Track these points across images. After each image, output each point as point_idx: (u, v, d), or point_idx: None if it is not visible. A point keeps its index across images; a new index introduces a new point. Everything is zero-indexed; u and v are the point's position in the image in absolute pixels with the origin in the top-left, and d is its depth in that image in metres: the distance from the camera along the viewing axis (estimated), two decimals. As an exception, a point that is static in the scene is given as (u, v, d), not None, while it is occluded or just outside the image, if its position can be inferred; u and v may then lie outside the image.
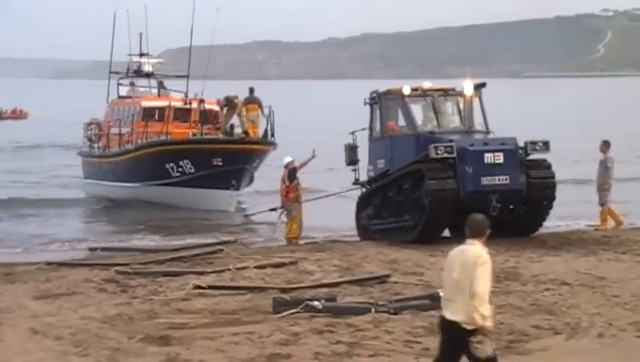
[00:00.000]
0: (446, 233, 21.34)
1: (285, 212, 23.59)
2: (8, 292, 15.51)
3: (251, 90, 31.70)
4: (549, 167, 20.89)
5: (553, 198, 20.89)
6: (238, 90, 33.91)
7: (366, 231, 22.42)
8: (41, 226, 28.47)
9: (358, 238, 22.65)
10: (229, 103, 31.48)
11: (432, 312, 13.30)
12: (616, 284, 15.73)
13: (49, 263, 18.37)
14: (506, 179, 20.00)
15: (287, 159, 23.62)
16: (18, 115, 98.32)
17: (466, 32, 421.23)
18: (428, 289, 15.00)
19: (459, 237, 20.73)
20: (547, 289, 15.32)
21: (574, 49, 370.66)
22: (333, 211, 27.73)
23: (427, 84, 22.26)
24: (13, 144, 61.68)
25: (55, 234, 26.34)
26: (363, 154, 23.27)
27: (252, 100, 31.48)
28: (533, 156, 20.94)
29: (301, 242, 22.75)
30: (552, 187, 20.72)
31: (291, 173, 23.37)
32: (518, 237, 20.46)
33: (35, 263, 18.56)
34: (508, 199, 20.16)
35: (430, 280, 16.19)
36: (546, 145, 20.81)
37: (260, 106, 31.30)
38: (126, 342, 11.94)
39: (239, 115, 31.25)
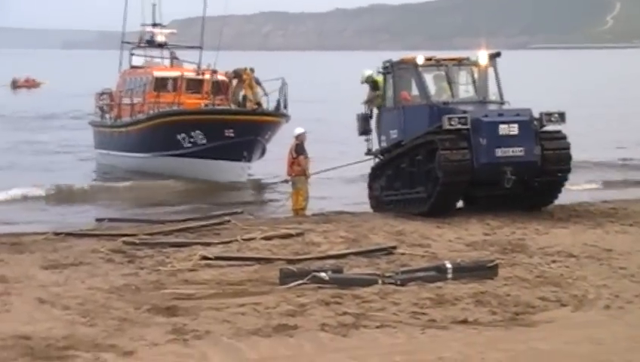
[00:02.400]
0: (459, 204, 21.32)
1: (291, 183, 23.63)
2: (16, 262, 15.56)
3: (252, 70, 31.56)
4: (564, 138, 20.68)
5: (568, 170, 20.70)
6: (246, 62, 33.85)
7: (378, 202, 22.36)
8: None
9: (363, 210, 22.63)
10: (238, 76, 31.43)
11: (439, 284, 13.34)
12: (623, 256, 15.73)
13: (57, 233, 18.40)
14: (521, 151, 19.86)
15: (298, 130, 23.53)
16: (31, 83, 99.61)
17: (474, 3, 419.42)
18: (434, 260, 15.01)
19: (472, 210, 20.94)
20: (554, 262, 15.31)
21: (582, 20, 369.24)
22: (344, 181, 27.84)
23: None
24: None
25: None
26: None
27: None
28: (549, 127, 20.76)
29: (308, 213, 22.75)
30: (567, 159, 20.51)
31: (299, 145, 23.34)
32: (528, 210, 20.43)
33: (42, 233, 18.60)
34: (522, 171, 20.05)
35: (437, 251, 16.22)
36: (561, 116, 20.56)
37: (260, 85, 31.25)
38: (133, 313, 11.98)
39: (250, 86, 31.13)
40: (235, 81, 31.64)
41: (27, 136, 47.88)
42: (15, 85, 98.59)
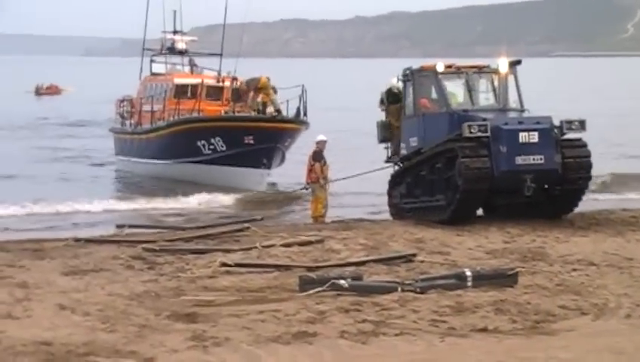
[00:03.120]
0: (479, 212, 21.28)
1: (310, 189, 23.69)
2: (37, 268, 15.62)
3: (267, 79, 31.57)
4: (584, 146, 20.60)
5: (589, 178, 20.65)
6: (266, 68, 33.92)
7: (398, 209, 22.34)
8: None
9: (383, 217, 22.63)
10: (250, 85, 31.46)
11: (459, 291, 13.31)
12: (644, 265, 15.66)
13: (77, 239, 18.46)
14: (541, 159, 19.81)
15: (319, 137, 23.57)
16: (54, 90, 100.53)
17: (494, 10, 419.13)
18: (454, 268, 14.98)
19: (492, 217, 20.90)
20: (574, 270, 15.26)
21: (603, 28, 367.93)
22: (364, 189, 27.80)
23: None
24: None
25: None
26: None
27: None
28: (569, 135, 20.68)
29: (327, 220, 22.76)
30: (587, 167, 20.45)
31: (317, 153, 23.37)
32: (548, 218, 20.36)
33: (63, 239, 18.67)
34: (543, 179, 20.02)
35: (456, 259, 16.19)
36: (582, 124, 20.52)
37: (275, 93, 31.27)
38: (153, 319, 12.01)
39: (266, 94, 31.18)
40: (251, 93, 31.67)
41: (48, 142, 48.11)
42: (38, 92, 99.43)
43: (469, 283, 13.56)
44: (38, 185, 32.92)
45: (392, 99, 23.11)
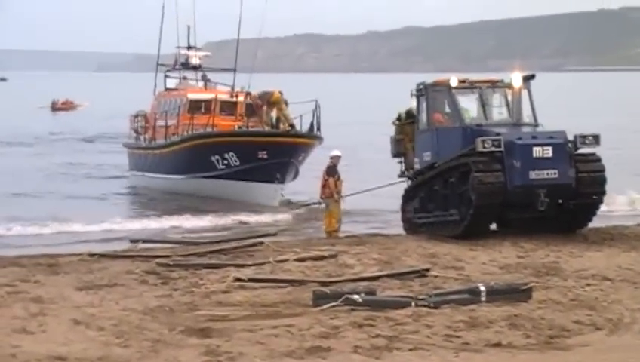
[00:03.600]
0: (493, 227, 21.25)
1: (324, 204, 23.71)
2: (52, 283, 15.67)
3: (280, 93, 31.65)
4: (598, 160, 20.59)
5: (603, 193, 20.62)
6: (280, 84, 33.97)
7: (411, 224, 22.33)
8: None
9: (396, 232, 22.61)
10: (263, 99, 31.54)
11: (472, 306, 13.29)
12: (659, 280, 15.61)
13: (91, 254, 18.53)
14: (555, 174, 19.79)
15: (334, 152, 23.59)
16: (69, 105, 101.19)
17: (507, 25, 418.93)
18: (468, 283, 14.96)
19: (506, 232, 20.86)
20: (588, 285, 15.23)
21: (615, 42, 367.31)
22: (377, 204, 27.78)
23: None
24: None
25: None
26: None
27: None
28: (583, 150, 20.64)
29: (341, 235, 22.76)
30: (601, 181, 20.43)
31: (330, 168, 23.39)
32: (562, 233, 20.32)
33: (77, 254, 18.73)
34: (556, 194, 19.99)
35: (470, 274, 16.17)
36: (596, 138, 20.52)
37: (287, 104, 31.33)
38: (167, 334, 12.04)
39: (279, 109, 31.24)
40: (265, 107, 31.73)
41: (63, 158, 48.26)
42: (54, 107, 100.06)
43: (483, 298, 13.55)
44: (53, 201, 32.97)
45: (410, 120, 23.19)
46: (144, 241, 21.35)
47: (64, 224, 26.53)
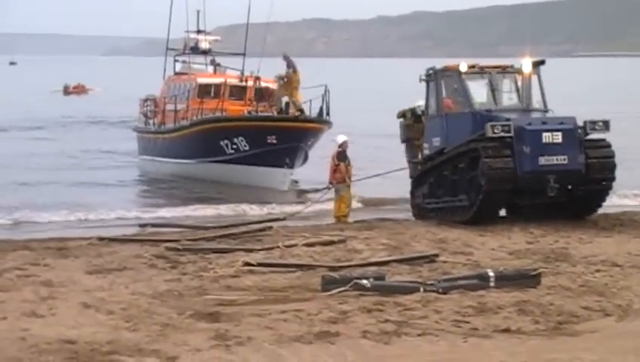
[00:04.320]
0: (502, 213, 21.22)
1: (334, 189, 23.68)
2: (61, 266, 15.71)
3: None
4: (608, 146, 20.53)
5: (613, 179, 20.55)
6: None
7: (421, 209, 22.30)
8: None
9: (405, 217, 22.61)
10: (286, 78, 31.40)
11: (481, 292, 13.29)
12: (669, 266, 15.57)
13: (101, 238, 18.55)
14: (565, 159, 19.75)
15: (341, 138, 23.54)
16: (81, 90, 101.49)
17: (517, 10, 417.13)
18: (477, 268, 14.96)
19: (515, 218, 20.84)
20: (598, 271, 15.20)
21: (626, 28, 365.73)
22: (386, 189, 27.77)
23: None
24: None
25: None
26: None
27: None
28: (593, 135, 20.56)
29: (350, 220, 22.76)
30: (611, 167, 20.38)
31: (341, 153, 23.37)
32: (572, 218, 20.29)
33: (87, 238, 18.77)
34: (566, 179, 19.95)
35: (479, 259, 16.16)
36: (605, 124, 20.45)
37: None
38: (176, 318, 12.06)
39: (295, 89, 31.12)
40: (277, 85, 31.62)
41: (74, 142, 48.29)
42: (66, 91, 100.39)
43: (492, 284, 13.54)
44: (68, 187, 32.95)
45: (413, 118, 23.18)
46: (153, 226, 21.41)
47: (76, 212, 26.49)
